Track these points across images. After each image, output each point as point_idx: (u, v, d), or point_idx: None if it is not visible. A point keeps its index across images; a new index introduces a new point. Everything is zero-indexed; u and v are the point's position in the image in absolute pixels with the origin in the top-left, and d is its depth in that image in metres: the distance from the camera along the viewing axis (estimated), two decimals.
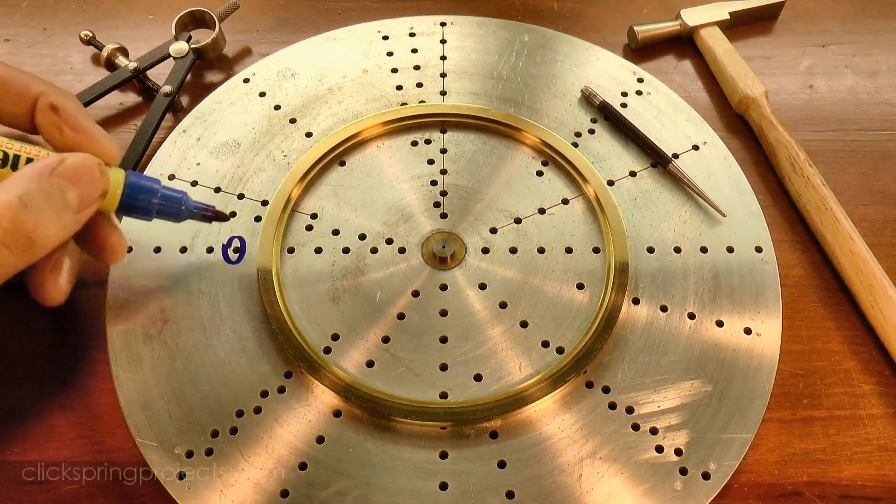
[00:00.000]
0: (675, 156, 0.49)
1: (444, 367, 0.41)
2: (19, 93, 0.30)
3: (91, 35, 0.55)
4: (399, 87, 0.52)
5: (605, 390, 0.41)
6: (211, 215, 0.41)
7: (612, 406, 0.40)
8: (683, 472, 0.38)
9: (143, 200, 0.36)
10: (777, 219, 0.49)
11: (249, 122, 0.50)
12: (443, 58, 0.53)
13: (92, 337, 0.44)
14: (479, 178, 0.48)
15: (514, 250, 0.45)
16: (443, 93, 0.51)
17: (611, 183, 0.48)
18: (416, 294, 0.44)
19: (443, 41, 0.54)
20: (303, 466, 0.38)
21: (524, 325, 0.43)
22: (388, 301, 0.43)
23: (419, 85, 0.52)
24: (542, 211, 0.47)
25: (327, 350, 0.42)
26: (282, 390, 0.40)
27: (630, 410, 0.40)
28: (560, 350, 0.42)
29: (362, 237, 0.46)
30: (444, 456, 0.39)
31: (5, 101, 0.30)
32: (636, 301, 0.44)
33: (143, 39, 0.57)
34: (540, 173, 0.48)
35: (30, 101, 0.30)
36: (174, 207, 0.38)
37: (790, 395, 0.43)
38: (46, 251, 0.30)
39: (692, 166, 0.48)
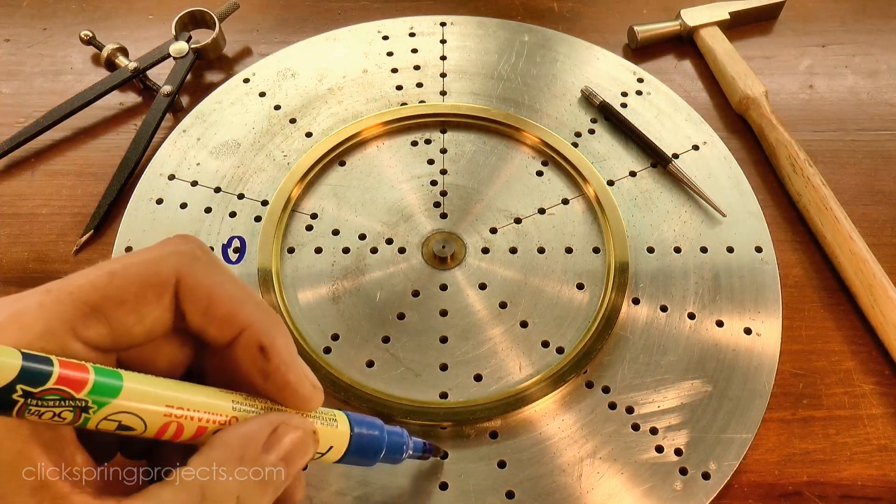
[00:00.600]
0: (675, 156, 0.49)
1: (444, 367, 0.41)
2: (224, 318, 0.25)
3: (91, 35, 0.55)
4: (399, 87, 0.52)
5: (605, 390, 0.41)
6: (431, 450, 0.36)
7: (612, 406, 0.40)
8: (683, 472, 0.38)
9: (366, 457, 0.30)
10: (777, 219, 0.49)
11: (249, 122, 0.50)
12: (443, 58, 0.53)
13: None
14: (479, 178, 0.48)
15: (514, 250, 0.45)
16: (443, 93, 0.51)
17: (611, 183, 0.48)
18: (416, 294, 0.44)
19: (443, 41, 0.54)
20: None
21: (524, 325, 0.43)
22: (388, 301, 0.43)
23: (419, 85, 0.52)
24: (542, 211, 0.47)
25: (327, 350, 0.42)
26: None
27: (630, 410, 0.40)
28: (560, 350, 0.42)
29: (362, 237, 0.46)
30: (444, 456, 0.39)
31: (206, 326, 0.25)
32: (636, 301, 0.44)
33: (143, 39, 0.57)
34: (540, 173, 0.48)
35: (233, 332, 0.25)
36: (396, 458, 0.32)
37: (790, 395, 0.43)
38: None
39: (692, 166, 0.48)
